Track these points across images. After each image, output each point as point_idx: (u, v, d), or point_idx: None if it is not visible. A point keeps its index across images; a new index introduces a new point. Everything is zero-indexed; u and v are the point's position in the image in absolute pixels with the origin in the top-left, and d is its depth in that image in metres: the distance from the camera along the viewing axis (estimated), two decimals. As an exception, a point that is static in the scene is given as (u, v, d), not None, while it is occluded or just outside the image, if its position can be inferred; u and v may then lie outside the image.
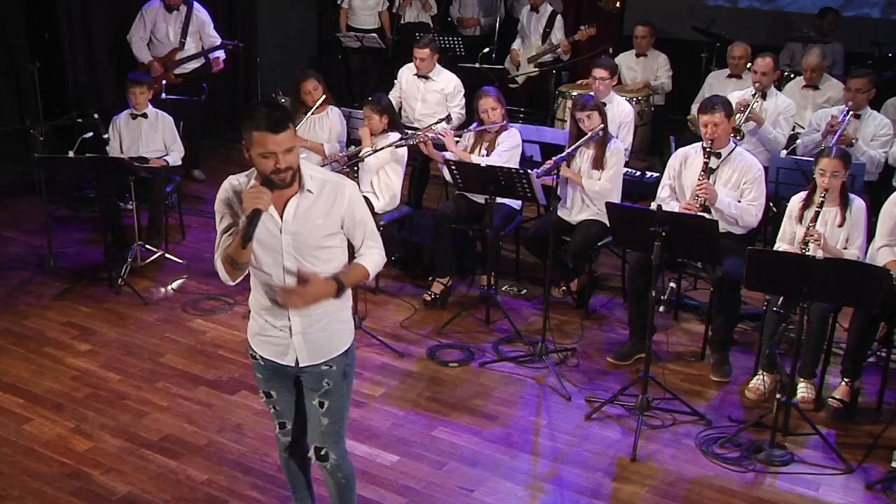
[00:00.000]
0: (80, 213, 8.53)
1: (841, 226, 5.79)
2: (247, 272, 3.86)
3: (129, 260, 7.36)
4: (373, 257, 4.02)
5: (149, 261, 7.54)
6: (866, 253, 5.84)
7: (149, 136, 7.74)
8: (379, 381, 5.92)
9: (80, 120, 7.74)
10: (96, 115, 7.59)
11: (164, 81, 8.61)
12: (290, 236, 3.77)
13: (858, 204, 5.80)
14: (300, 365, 3.98)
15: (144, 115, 7.73)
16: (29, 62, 8.80)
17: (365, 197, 4.38)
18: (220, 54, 9.47)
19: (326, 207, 3.83)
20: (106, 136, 7.66)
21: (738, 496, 5.02)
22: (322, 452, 4.05)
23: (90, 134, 7.58)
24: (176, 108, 8.19)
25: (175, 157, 7.86)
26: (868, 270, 5.19)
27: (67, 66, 9.38)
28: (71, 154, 7.34)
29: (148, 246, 7.56)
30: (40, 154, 7.32)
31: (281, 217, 3.77)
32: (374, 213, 6.22)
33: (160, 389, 5.87)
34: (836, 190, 5.71)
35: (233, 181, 3.82)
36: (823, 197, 5.70)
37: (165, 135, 7.82)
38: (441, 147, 7.64)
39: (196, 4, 9.37)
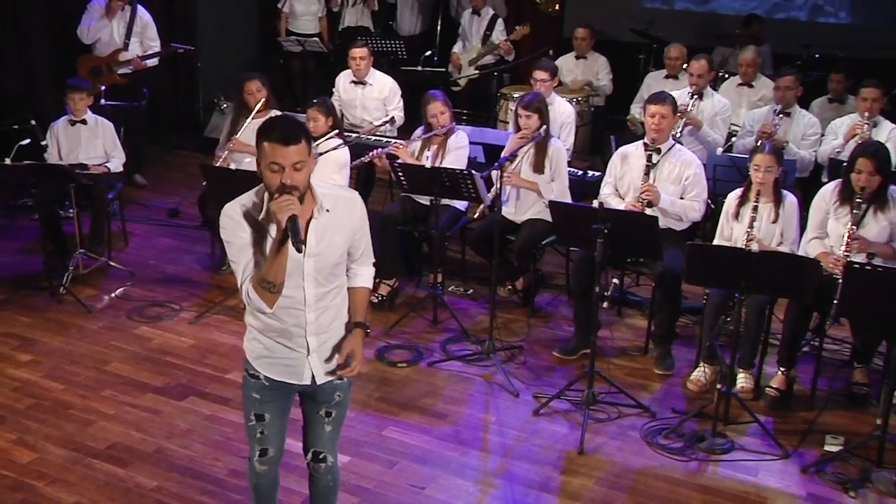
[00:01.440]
0: (17, 221, 8.43)
1: (775, 222, 5.97)
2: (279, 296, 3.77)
3: (71, 268, 7.28)
4: (368, 273, 4.08)
5: (91, 269, 7.48)
6: (799, 247, 6.04)
7: (89, 142, 7.69)
8: (329, 382, 5.96)
9: (15, 126, 7.63)
10: (33, 122, 7.48)
11: (103, 87, 8.47)
12: (314, 259, 3.73)
13: (791, 200, 5.99)
14: (318, 383, 3.97)
15: (84, 122, 7.67)
16: None
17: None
18: (151, 62, 9.46)
19: (343, 223, 3.82)
20: (44, 142, 7.59)
21: (682, 484, 5.15)
22: (321, 456, 4.09)
23: (27, 141, 7.52)
24: (116, 113, 8.15)
25: (116, 164, 7.81)
26: (800, 262, 5.40)
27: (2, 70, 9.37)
28: (8, 161, 7.20)
29: (90, 254, 7.49)
30: None
31: (304, 241, 3.69)
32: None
33: (106, 398, 5.83)
34: (769, 185, 5.88)
35: (240, 204, 3.74)
36: (757, 200, 5.87)
37: (106, 141, 7.78)
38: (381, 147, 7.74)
39: (139, 7, 9.32)
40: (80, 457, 5.20)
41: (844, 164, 6.09)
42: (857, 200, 5.79)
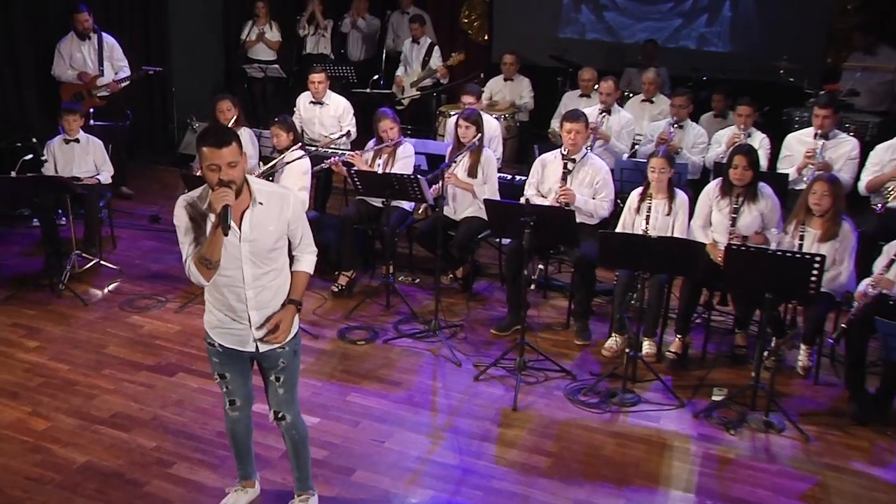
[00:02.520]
0: (15, 229, 8.34)
1: (668, 215, 6.25)
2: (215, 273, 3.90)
3: (68, 267, 7.29)
4: (310, 260, 4.23)
5: (85, 267, 7.46)
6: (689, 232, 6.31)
7: (81, 158, 7.67)
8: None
9: (18, 144, 7.63)
10: (34, 140, 7.45)
11: (91, 109, 8.35)
12: (248, 244, 3.89)
13: (682, 197, 6.29)
14: (260, 351, 4.12)
15: (77, 140, 7.65)
16: None
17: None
18: (124, 84, 9.30)
19: (276, 215, 3.97)
20: (43, 157, 7.53)
21: (598, 432, 5.40)
22: (280, 415, 4.25)
23: (30, 156, 7.48)
24: (103, 132, 8.09)
25: (105, 176, 7.79)
26: (689, 244, 5.69)
27: None
28: (13, 174, 7.20)
29: (84, 254, 7.49)
30: None
31: (239, 228, 3.87)
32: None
33: (106, 375, 5.89)
34: (663, 184, 6.19)
35: (186, 198, 3.94)
36: (650, 199, 6.19)
37: (96, 156, 7.76)
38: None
39: (104, 33, 9.17)
40: (87, 424, 5.30)
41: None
42: (739, 197, 6.10)
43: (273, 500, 4.61)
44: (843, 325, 5.59)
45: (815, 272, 5.18)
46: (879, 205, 6.94)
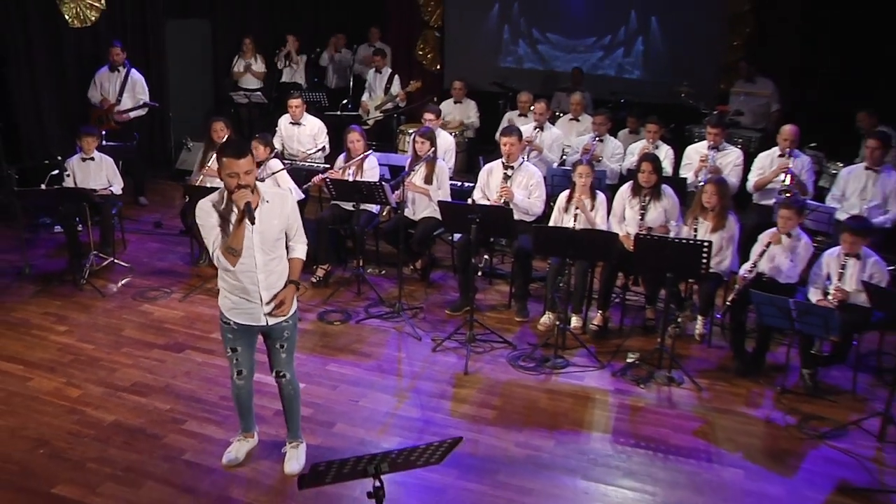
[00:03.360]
0: (39, 235, 8.29)
1: (592, 209, 6.45)
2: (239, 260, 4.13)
3: (87, 265, 7.29)
4: (302, 248, 4.45)
5: (102, 265, 7.46)
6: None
7: (96, 173, 7.64)
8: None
9: (46, 162, 7.64)
10: (59, 158, 7.46)
11: (104, 132, 8.30)
12: (259, 235, 4.14)
13: (601, 197, 6.53)
14: (269, 324, 4.35)
15: (92, 158, 7.62)
16: None
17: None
18: (134, 114, 9.26)
19: (279, 211, 4.23)
20: (67, 174, 7.50)
21: (534, 389, 5.67)
22: (281, 374, 4.50)
23: (56, 171, 7.47)
24: (114, 151, 8.10)
25: (117, 188, 7.75)
26: (604, 234, 5.97)
27: (19, 120, 9.09)
28: (43, 187, 7.28)
29: (100, 254, 7.49)
30: (18, 188, 7.17)
31: (252, 222, 4.10)
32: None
33: (125, 353, 6.01)
34: (587, 187, 6.42)
35: (209, 201, 4.17)
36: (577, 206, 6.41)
37: (108, 172, 7.72)
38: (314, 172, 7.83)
39: (133, 70, 9.18)
40: (112, 391, 5.48)
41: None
42: (646, 197, 6.44)
43: (269, 448, 4.81)
44: (727, 303, 5.92)
45: (704, 255, 5.53)
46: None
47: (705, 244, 5.57)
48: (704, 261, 5.58)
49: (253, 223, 4.03)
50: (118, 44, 9.09)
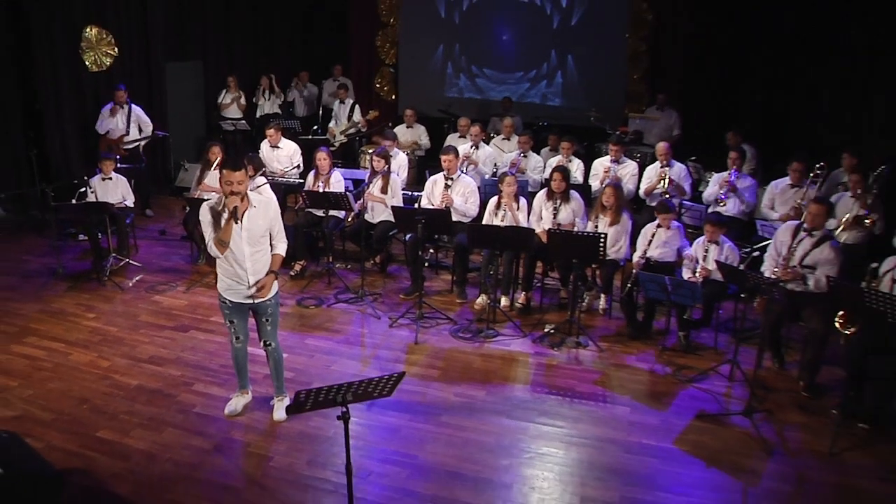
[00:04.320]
0: (67, 243, 8.38)
1: (517, 210, 6.82)
2: (227, 249, 4.56)
3: (108, 266, 7.51)
4: (283, 247, 4.84)
5: (119, 266, 7.68)
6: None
7: (113, 190, 7.80)
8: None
9: (75, 181, 7.88)
10: (86, 178, 7.74)
11: (117, 157, 8.35)
12: (247, 231, 4.59)
13: (523, 202, 6.91)
14: (255, 302, 4.78)
15: (110, 178, 7.80)
16: (27, 149, 8.87)
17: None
18: (144, 142, 9.45)
19: (263, 214, 4.67)
20: (91, 190, 7.67)
21: (470, 354, 6.14)
22: (268, 343, 4.93)
23: (83, 189, 7.68)
24: (128, 172, 8.28)
25: (129, 202, 7.92)
26: (524, 230, 6.48)
27: (48, 148, 9.32)
28: (73, 202, 7.57)
29: (118, 257, 7.70)
30: (54, 203, 7.35)
31: (241, 221, 4.57)
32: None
33: (142, 334, 6.35)
34: (511, 195, 6.81)
35: (209, 203, 4.63)
36: (507, 207, 6.87)
37: (123, 189, 7.89)
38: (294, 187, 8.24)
39: (133, 105, 9.32)
40: (134, 363, 5.85)
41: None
42: (558, 200, 6.92)
43: (260, 402, 5.25)
44: (629, 285, 6.43)
45: (601, 245, 6.13)
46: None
47: (602, 236, 6.17)
48: (602, 249, 6.17)
49: (237, 222, 4.48)
50: (122, 87, 9.29)
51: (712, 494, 4.53)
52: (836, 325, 5.46)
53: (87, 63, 9.74)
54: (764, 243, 6.66)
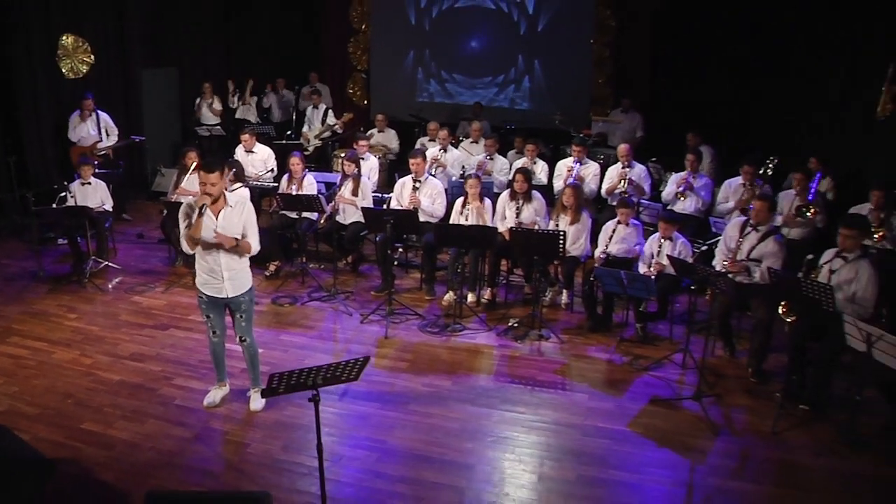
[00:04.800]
0: (46, 247, 8.55)
1: (480, 213, 7.16)
2: (198, 245, 4.83)
3: (88, 268, 7.69)
4: (255, 241, 5.04)
5: (99, 268, 7.87)
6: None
7: (92, 195, 7.95)
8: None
9: (55, 186, 8.02)
10: (66, 183, 7.89)
11: (95, 162, 8.44)
12: (222, 229, 4.85)
13: (488, 202, 7.22)
14: (229, 296, 5.01)
15: (89, 183, 7.96)
16: (6, 155, 9.02)
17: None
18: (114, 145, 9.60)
19: (238, 213, 4.93)
20: (71, 195, 7.78)
21: (438, 347, 6.43)
22: (243, 338, 5.18)
23: (64, 194, 7.80)
24: (106, 177, 8.44)
25: (108, 206, 8.08)
26: (487, 229, 6.77)
27: (27, 154, 9.44)
28: (55, 206, 7.71)
29: (97, 259, 7.88)
30: (35, 207, 7.56)
31: (216, 219, 4.85)
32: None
33: (122, 332, 6.56)
34: (476, 196, 7.14)
35: (188, 201, 4.90)
36: (469, 204, 7.15)
37: (101, 193, 8.05)
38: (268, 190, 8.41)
39: (99, 111, 9.50)
40: (116, 360, 6.07)
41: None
42: (520, 200, 7.24)
43: (237, 394, 5.52)
44: (591, 279, 6.71)
45: (561, 242, 6.46)
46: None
47: (561, 233, 6.52)
48: (562, 246, 6.51)
49: (200, 215, 4.74)
50: (90, 95, 9.44)
51: (661, 471, 4.88)
52: (780, 313, 5.87)
53: (63, 71, 9.92)
54: (715, 239, 7.07)
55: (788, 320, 5.85)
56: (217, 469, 4.73)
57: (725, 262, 6.31)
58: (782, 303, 5.87)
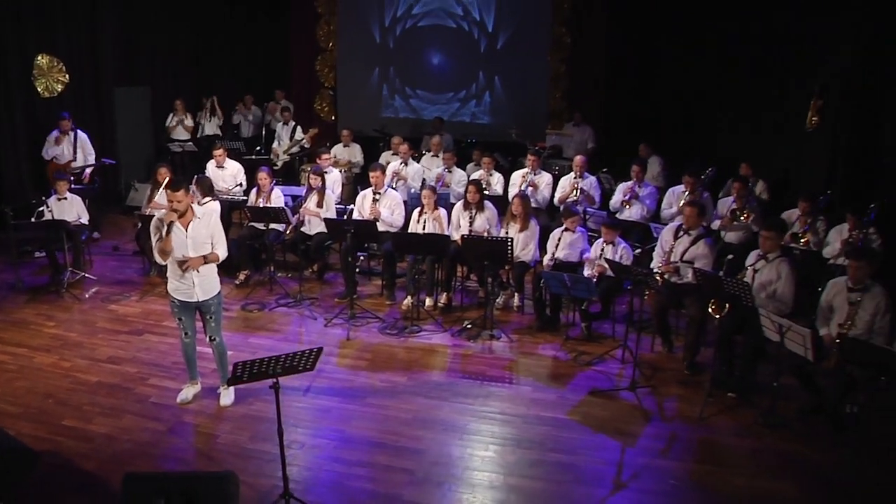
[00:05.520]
0: (24, 259, 8.88)
1: (436, 220, 7.65)
2: (170, 257, 5.29)
3: (65, 279, 8.07)
4: (223, 251, 5.50)
5: (76, 279, 8.25)
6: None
7: (69, 209, 8.29)
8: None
9: (34, 201, 8.36)
10: (44, 198, 8.20)
11: (70, 178, 8.83)
12: (191, 239, 5.32)
13: (443, 212, 7.73)
14: (199, 300, 5.47)
15: (65, 198, 8.31)
16: None
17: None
18: (89, 170, 9.86)
19: (206, 224, 5.40)
20: (49, 210, 8.07)
21: (396, 347, 6.89)
22: (213, 338, 5.65)
23: (41, 208, 8.10)
24: (82, 192, 8.85)
25: (84, 220, 8.44)
26: (440, 237, 7.24)
27: (3, 171, 9.84)
28: (33, 220, 8.06)
29: (74, 270, 8.24)
30: (14, 221, 7.95)
31: (186, 231, 5.32)
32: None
33: (100, 338, 6.96)
34: (431, 206, 7.63)
35: (158, 216, 5.33)
36: (426, 213, 7.58)
37: (78, 208, 8.39)
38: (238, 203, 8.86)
39: (79, 130, 9.86)
40: (93, 363, 6.49)
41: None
42: (473, 209, 7.73)
43: (208, 391, 5.96)
44: (541, 284, 7.23)
45: (509, 248, 6.99)
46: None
47: (509, 240, 7.06)
48: (510, 252, 7.04)
49: (168, 233, 5.20)
50: (66, 115, 9.77)
51: (595, 453, 5.40)
52: (710, 310, 6.45)
53: (39, 89, 10.32)
54: (653, 244, 7.66)
55: (717, 316, 6.44)
56: (189, 457, 5.20)
57: (660, 264, 6.89)
58: (712, 300, 6.46)
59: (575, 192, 8.93)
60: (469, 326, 7.35)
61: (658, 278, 6.68)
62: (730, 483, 5.08)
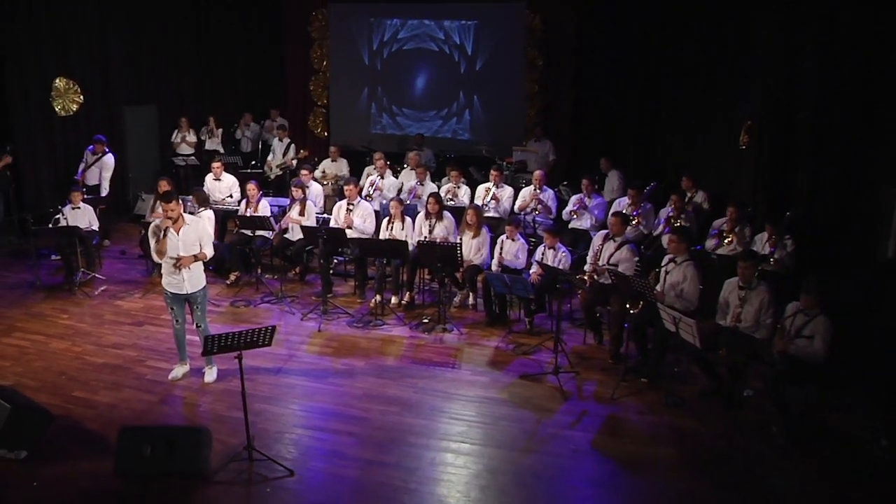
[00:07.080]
0: (41, 262, 9.80)
1: (402, 229, 8.62)
2: (166, 256, 6.34)
3: (78, 279, 9.04)
4: (209, 249, 6.53)
5: (87, 279, 9.23)
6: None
7: (81, 217, 9.20)
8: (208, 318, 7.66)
9: (51, 210, 9.44)
10: (60, 206, 9.18)
11: (83, 189, 9.75)
12: (182, 241, 6.37)
13: (408, 221, 8.69)
14: (188, 292, 6.53)
15: (78, 207, 9.25)
16: (6, 185, 10.51)
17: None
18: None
19: (195, 229, 6.44)
20: (65, 217, 9.03)
21: (359, 338, 7.88)
22: (199, 325, 6.68)
23: (57, 216, 9.09)
24: (94, 202, 9.77)
25: (95, 226, 9.40)
26: (399, 242, 8.21)
27: (24, 184, 10.96)
28: (50, 226, 9.13)
29: (86, 271, 9.20)
30: (34, 228, 8.89)
31: (178, 235, 6.37)
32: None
33: (108, 329, 7.95)
34: (398, 215, 8.61)
35: (156, 222, 6.40)
36: (393, 222, 8.79)
37: (89, 216, 9.33)
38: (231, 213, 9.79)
39: (109, 154, 10.70)
40: (100, 348, 7.55)
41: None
42: (433, 219, 8.76)
43: (195, 371, 7.03)
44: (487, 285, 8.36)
45: (459, 252, 8.06)
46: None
47: (458, 245, 8.16)
48: (459, 256, 8.15)
49: (164, 236, 6.28)
50: (103, 138, 10.76)
51: (513, 423, 6.47)
52: (627, 306, 7.58)
53: (56, 108, 11.50)
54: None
55: (633, 311, 7.56)
56: (176, 422, 6.39)
57: (589, 266, 8.03)
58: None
59: (533, 202, 10.03)
60: (426, 321, 8.38)
61: (586, 279, 7.83)
62: (621, 450, 6.11)
